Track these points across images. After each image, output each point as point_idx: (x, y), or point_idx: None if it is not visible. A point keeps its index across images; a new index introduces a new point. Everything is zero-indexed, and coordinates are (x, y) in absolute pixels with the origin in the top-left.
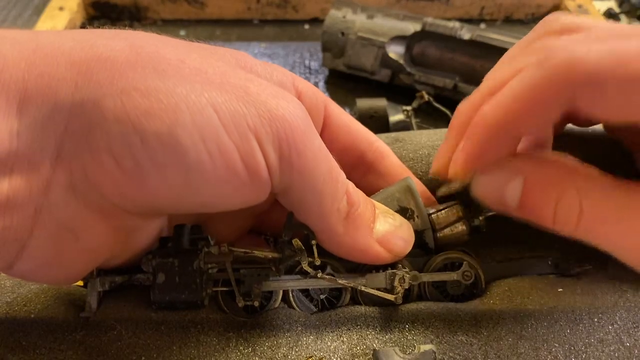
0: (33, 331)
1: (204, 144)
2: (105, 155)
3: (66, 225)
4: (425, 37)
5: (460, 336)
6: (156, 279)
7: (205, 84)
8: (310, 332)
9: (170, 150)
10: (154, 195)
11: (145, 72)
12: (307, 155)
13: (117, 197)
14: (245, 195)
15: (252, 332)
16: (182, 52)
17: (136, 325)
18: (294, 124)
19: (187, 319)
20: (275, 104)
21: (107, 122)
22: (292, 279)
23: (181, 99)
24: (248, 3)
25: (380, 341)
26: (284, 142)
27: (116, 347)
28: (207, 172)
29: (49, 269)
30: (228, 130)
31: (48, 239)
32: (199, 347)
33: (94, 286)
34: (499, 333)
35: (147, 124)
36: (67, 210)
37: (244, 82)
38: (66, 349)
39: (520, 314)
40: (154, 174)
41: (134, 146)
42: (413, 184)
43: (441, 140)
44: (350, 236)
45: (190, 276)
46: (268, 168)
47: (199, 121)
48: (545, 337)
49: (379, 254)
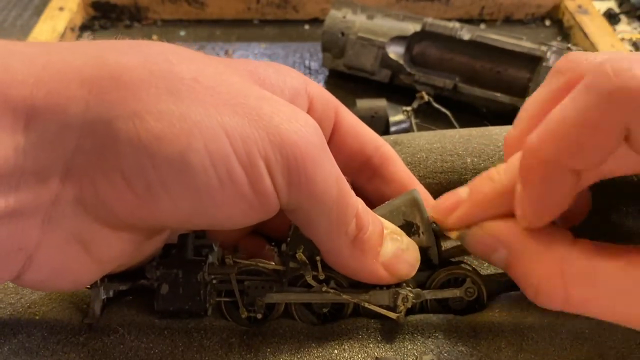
0: (36, 333)
1: (215, 170)
2: (117, 176)
3: (76, 237)
4: (425, 37)
5: (460, 347)
6: (160, 289)
7: (219, 106)
8: (312, 341)
9: (182, 175)
10: (164, 216)
11: (158, 93)
12: (317, 180)
13: (128, 217)
14: (252, 216)
15: (254, 338)
16: (196, 69)
17: (139, 329)
18: (305, 149)
19: (190, 325)
20: (287, 128)
21: (119, 144)
22: (295, 292)
23: (194, 124)
24: (248, 3)
25: (381, 350)
26: (294, 168)
27: (119, 350)
28: (216, 196)
29: (58, 279)
30: (239, 156)
31: (57, 250)
32: (202, 352)
33: (98, 295)
34: (499, 345)
35: (159, 149)
36: (77, 223)
37: (258, 102)
38: (69, 351)
39: (521, 327)
40: (165, 197)
41: (146, 169)
42: (419, 197)
43: (439, 143)
44: (356, 259)
45: (194, 287)
46: (276, 192)
47: (211, 147)
48: (545, 351)
49: (383, 277)
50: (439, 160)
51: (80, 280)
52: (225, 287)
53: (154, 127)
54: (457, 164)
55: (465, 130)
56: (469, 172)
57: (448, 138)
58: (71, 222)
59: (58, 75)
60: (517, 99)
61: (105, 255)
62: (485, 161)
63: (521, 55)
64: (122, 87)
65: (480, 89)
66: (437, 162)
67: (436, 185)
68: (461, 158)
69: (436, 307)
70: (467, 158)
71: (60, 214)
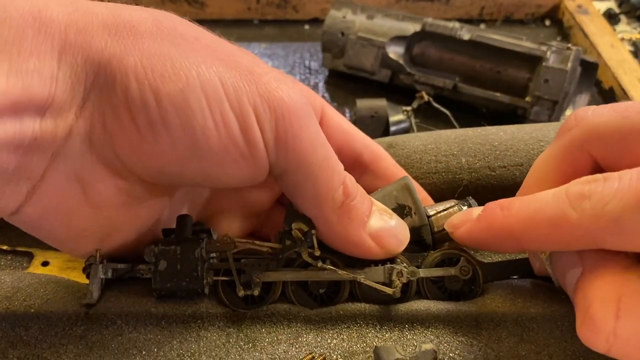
0: (34, 325)
1: (210, 112)
2: (123, 110)
3: (77, 175)
4: (425, 37)
5: (460, 337)
6: (158, 266)
7: (215, 60)
8: (310, 329)
9: (181, 112)
10: (162, 157)
11: (163, 42)
12: (303, 138)
13: (128, 155)
14: (244, 169)
15: (252, 327)
16: (197, 32)
17: (137, 319)
18: (292, 106)
19: (187, 314)
20: (275, 86)
21: (127, 80)
22: (292, 271)
23: (193, 67)
24: (248, 3)
25: (380, 339)
26: (281, 123)
27: (117, 341)
28: (211, 138)
29: (52, 218)
30: (231, 102)
31: (57, 186)
32: (199, 342)
33: (96, 273)
34: (500, 335)
35: (162, 85)
36: (81, 161)
37: (251, 64)
38: (67, 343)
39: (522, 317)
40: (164, 135)
41: (149, 104)
42: (411, 182)
43: (434, 143)
44: (343, 226)
45: (191, 264)
46: (265, 145)
47: (206, 89)
48: (546, 342)
49: (371, 248)
50: (433, 161)
51: (72, 223)
52: (222, 266)
53: (159, 68)
54: (452, 164)
55: (461, 130)
56: (464, 172)
57: (443, 138)
58: (76, 159)
59: (85, 18)
60: (517, 99)
61: (100, 200)
62: (480, 161)
63: (521, 55)
64: (134, 33)
65: (480, 89)
66: (431, 162)
67: (430, 186)
68: (456, 158)
69: (433, 290)
70: (462, 158)
71: (69, 150)
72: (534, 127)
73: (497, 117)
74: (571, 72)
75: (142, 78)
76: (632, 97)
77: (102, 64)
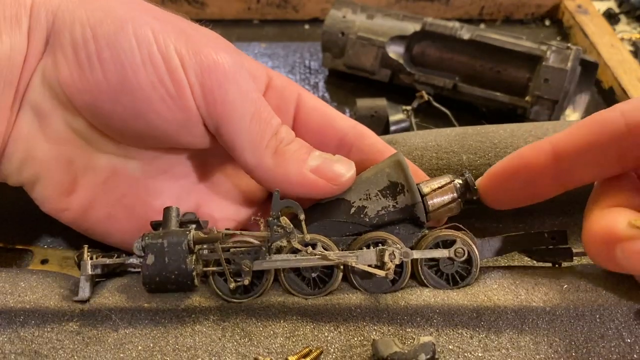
0: (30, 321)
1: (139, 50)
2: (68, 49)
3: (36, 109)
4: (425, 37)
5: (460, 329)
6: (146, 260)
7: (151, 17)
8: (307, 322)
9: (113, 49)
10: (96, 89)
11: (109, 1)
12: (231, 90)
13: (69, 85)
14: (173, 110)
15: (247, 321)
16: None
17: (132, 315)
18: (219, 61)
19: (181, 308)
20: (205, 43)
21: (74, 25)
22: (283, 258)
23: (129, 17)
24: (248, 3)
25: (378, 333)
26: (206, 74)
27: (113, 337)
28: (139, 74)
29: (19, 153)
30: (158, 46)
31: (25, 124)
32: (195, 337)
33: (85, 269)
34: (500, 327)
35: (99, 28)
36: (38, 94)
37: (191, 30)
38: (63, 339)
39: (522, 309)
40: (98, 67)
41: (88, 43)
42: (403, 158)
43: (434, 141)
44: (282, 167)
45: (179, 257)
46: (192, 93)
47: (137, 33)
48: (546, 332)
49: (317, 182)
50: (434, 158)
51: (35, 156)
52: (211, 257)
53: (100, 16)
54: (453, 161)
55: (461, 128)
56: (465, 169)
57: (444, 136)
58: (36, 93)
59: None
60: (517, 99)
61: (54, 133)
62: (481, 158)
63: (521, 55)
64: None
65: (480, 88)
66: (432, 159)
67: None
68: (457, 155)
69: (427, 273)
70: (463, 155)
71: (31, 85)
72: (534, 125)
73: (497, 117)
74: (571, 72)
75: (85, 23)
76: (632, 96)
77: (58, 16)
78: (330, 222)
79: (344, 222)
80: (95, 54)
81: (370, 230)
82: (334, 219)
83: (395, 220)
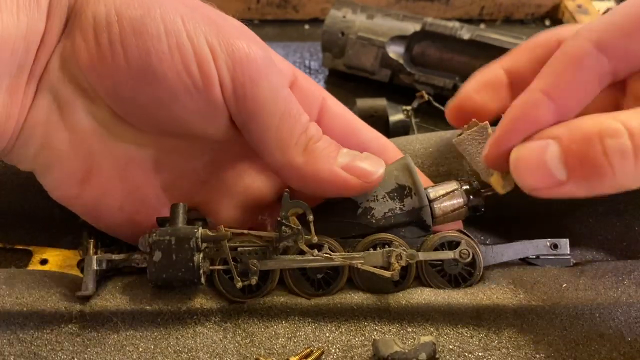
0: (29, 324)
1: (166, 37)
2: (89, 30)
3: (55, 95)
4: (425, 37)
5: (460, 328)
6: (153, 256)
7: (182, 4)
8: (308, 322)
9: (138, 34)
10: (117, 74)
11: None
12: (262, 86)
13: (89, 71)
14: (198, 103)
15: (249, 322)
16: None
17: (132, 316)
18: (252, 56)
19: (182, 310)
20: (237, 36)
21: (97, 6)
22: (289, 258)
23: (157, 2)
24: (248, 3)
25: (379, 333)
26: (238, 66)
27: (113, 339)
28: (165, 62)
29: (37, 142)
30: (188, 34)
31: (42, 110)
32: (196, 338)
33: (90, 264)
34: (500, 326)
35: (125, 11)
36: (57, 79)
37: (222, 20)
38: (63, 341)
39: (522, 308)
40: (121, 52)
41: (112, 25)
42: (411, 162)
43: (435, 147)
44: (311, 165)
45: (187, 254)
46: (220, 83)
47: (166, 20)
48: (546, 331)
49: (347, 179)
50: (435, 165)
51: (53, 145)
52: (218, 256)
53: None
54: (454, 167)
55: None
56: (465, 175)
57: (444, 141)
58: (54, 79)
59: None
60: None
61: (74, 122)
62: None
63: None
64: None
65: None
66: (432, 166)
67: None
68: (457, 161)
69: (432, 274)
70: (464, 161)
71: (49, 70)
72: None
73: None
74: None
75: (110, 4)
76: None
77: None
78: (337, 222)
79: (350, 222)
80: (119, 38)
81: (376, 232)
82: (341, 219)
83: (401, 223)
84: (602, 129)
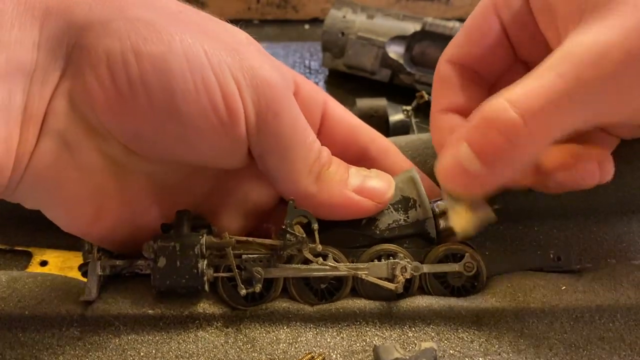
0: (30, 327)
1: (191, 74)
2: (103, 69)
3: (63, 138)
4: (425, 37)
5: (461, 333)
6: (157, 263)
7: (199, 32)
8: (310, 328)
9: (160, 73)
10: (139, 117)
11: (148, 11)
12: (285, 117)
13: (105, 113)
14: (223, 140)
15: (251, 327)
16: (182, 7)
17: (134, 321)
18: (275, 87)
19: (185, 315)
20: (259, 65)
21: (110, 40)
22: (294, 267)
23: (177, 34)
24: (248, 3)
25: (380, 338)
26: (262, 99)
27: (114, 343)
28: (190, 101)
29: (46, 185)
30: (213, 69)
31: (48, 153)
32: (198, 343)
33: (94, 269)
34: (500, 330)
35: (143, 47)
36: (65, 121)
37: (236, 44)
38: (64, 345)
39: (522, 312)
40: (142, 94)
41: (129, 64)
42: (417, 175)
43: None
44: (325, 192)
45: (191, 261)
46: (245, 118)
47: (189, 55)
48: (546, 335)
49: (361, 203)
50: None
51: (64, 187)
52: (222, 263)
53: (143, 31)
54: None
55: None
56: None
57: None
58: (61, 121)
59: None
60: None
61: (86, 163)
62: None
63: None
64: (121, 1)
65: None
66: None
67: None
68: None
69: (435, 285)
70: None
71: (54, 112)
72: None
73: None
74: None
75: (125, 38)
76: None
77: (85, 28)
78: (340, 231)
79: (354, 232)
80: (139, 78)
81: (380, 243)
82: (345, 229)
83: (405, 235)
84: (491, 110)
